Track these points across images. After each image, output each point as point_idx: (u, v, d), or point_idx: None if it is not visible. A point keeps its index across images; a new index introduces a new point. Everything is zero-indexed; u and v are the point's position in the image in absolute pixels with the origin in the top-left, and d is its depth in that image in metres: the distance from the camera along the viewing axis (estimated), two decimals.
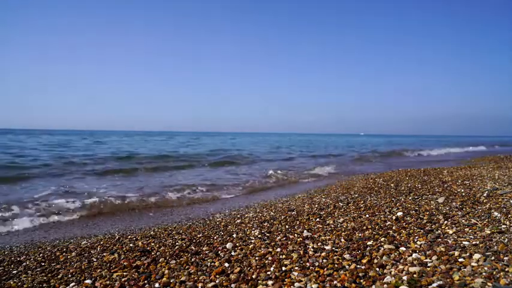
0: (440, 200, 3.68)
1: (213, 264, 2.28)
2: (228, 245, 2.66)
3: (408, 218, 3.02)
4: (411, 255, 2.07)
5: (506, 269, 1.68)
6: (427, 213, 3.14)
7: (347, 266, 2.02)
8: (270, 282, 1.90)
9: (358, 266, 2.01)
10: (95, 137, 37.44)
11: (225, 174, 9.08)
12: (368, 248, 2.30)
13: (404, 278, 1.75)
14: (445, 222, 2.78)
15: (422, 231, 2.58)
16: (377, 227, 2.85)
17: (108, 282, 2.10)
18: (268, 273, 2.03)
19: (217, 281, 1.98)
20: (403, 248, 2.22)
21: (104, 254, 2.73)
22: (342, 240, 2.56)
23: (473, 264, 1.81)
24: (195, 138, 38.53)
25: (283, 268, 2.08)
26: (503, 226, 2.46)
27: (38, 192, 5.78)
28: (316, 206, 4.14)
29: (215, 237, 2.98)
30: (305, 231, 2.92)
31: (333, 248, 2.38)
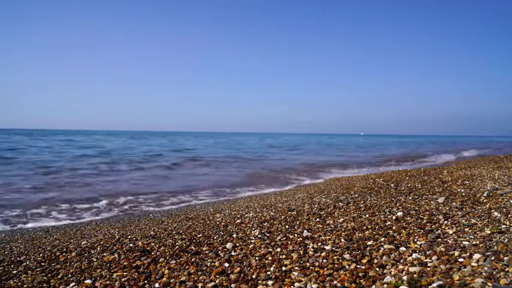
0: (440, 200, 3.68)
1: (213, 264, 2.28)
2: (228, 245, 2.66)
3: (408, 218, 3.01)
4: (411, 255, 2.07)
5: (506, 269, 1.68)
6: (427, 213, 3.14)
7: (347, 266, 2.02)
8: (270, 282, 1.90)
9: (358, 266, 2.01)
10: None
11: None
12: (368, 248, 2.30)
13: (404, 278, 1.75)
14: (445, 222, 2.77)
15: (422, 231, 2.58)
16: (377, 227, 2.85)
17: (108, 282, 2.10)
18: (268, 273, 2.03)
19: (217, 281, 1.98)
20: (403, 248, 2.22)
21: (104, 254, 2.73)
22: (342, 240, 2.56)
23: (473, 264, 1.81)
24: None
25: (283, 268, 2.08)
26: (503, 226, 2.46)
27: None
28: (316, 206, 4.13)
29: (215, 237, 2.98)
30: (305, 231, 2.91)
31: (333, 248, 2.38)
